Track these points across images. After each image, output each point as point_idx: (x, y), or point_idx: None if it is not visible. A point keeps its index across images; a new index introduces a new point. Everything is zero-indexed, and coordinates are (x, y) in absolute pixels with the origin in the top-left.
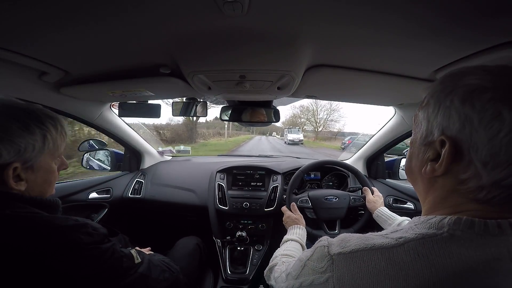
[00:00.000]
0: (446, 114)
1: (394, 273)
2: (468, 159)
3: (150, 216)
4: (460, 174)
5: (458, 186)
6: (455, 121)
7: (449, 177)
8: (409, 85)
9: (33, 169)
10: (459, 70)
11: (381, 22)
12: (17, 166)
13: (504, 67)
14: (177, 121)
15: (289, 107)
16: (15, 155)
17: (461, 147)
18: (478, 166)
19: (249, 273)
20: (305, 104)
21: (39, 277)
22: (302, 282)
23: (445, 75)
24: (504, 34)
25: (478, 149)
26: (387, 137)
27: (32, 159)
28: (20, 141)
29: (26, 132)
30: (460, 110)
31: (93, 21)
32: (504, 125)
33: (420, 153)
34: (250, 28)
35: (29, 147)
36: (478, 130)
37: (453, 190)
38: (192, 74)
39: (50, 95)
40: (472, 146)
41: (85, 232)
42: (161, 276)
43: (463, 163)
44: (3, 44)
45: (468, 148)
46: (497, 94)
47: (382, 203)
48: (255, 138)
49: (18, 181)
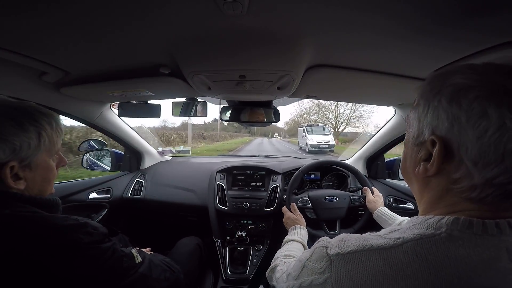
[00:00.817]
0: (435, 114)
1: (392, 273)
2: (458, 158)
3: (150, 216)
4: (452, 173)
5: (452, 185)
6: (443, 121)
7: (442, 177)
8: (409, 85)
9: (30, 167)
10: (446, 70)
11: (381, 23)
12: (14, 165)
13: (490, 65)
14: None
15: (290, 106)
16: (11, 154)
17: (451, 147)
18: (468, 165)
19: (249, 273)
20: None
21: (39, 276)
22: (301, 283)
23: (433, 75)
24: (502, 34)
25: (467, 148)
26: (387, 137)
27: (29, 157)
28: (15, 139)
29: (20, 130)
30: (448, 109)
31: (92, 21)
32: (491, 123)
33: (413, 153)
34: (250, 28)
35: (25, 145)
36: (466, 129)
37: (447, 190)
38: (192, 74)
39: (50, 95)
40: (462, 145)
41: (85, 231)
42: (162, 276)
43: (454, 162)
44: (3, 44)
45: (458, 147)
46: (483, 92)
47: (382, 203)
48: (255, 142)
49: (17, 180)
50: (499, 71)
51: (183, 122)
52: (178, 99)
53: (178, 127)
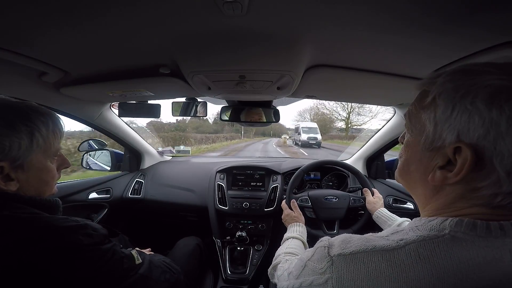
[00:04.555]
0: (463, 117)
1: (395, 275)
2: (490, 168)
3: (150, 216)
4: (477, 182)
5: (469, 193)
6: (477, 127)
7: (461, 185)
8: (409, 85)
9: (23, 168)
10: (468, 67)
11: (381, 22)
12: (3, 166)
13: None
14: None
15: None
16: (0, 154)
17: (482, 155)
18: (501, 175)
19: (249, 273)
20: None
21: (39, 278)
22: (302, 283)
23: (453, 72)
24: (503, 33)
25: (503, 157)
26: (387, 137)
27: (21, 157)
28: (4, 139)
29: (10, 130)
30: (485, 114)
31: (92, 21)
32: None
33: (424, 158)
34: (250, 28)
35: (15, 145)
36: (504, 138)
37: (463, 197)
38: (192, 74)
39: (50, 95)
40: (497, 154)
41: (85, 233)
42: (162, 277)
43: (483, 172)
44: (3, 44)
45: (491, 157)
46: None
47: (382, 204)
48: (252, 146)
49: (8, 181)
50: None
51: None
52: (178, 99)
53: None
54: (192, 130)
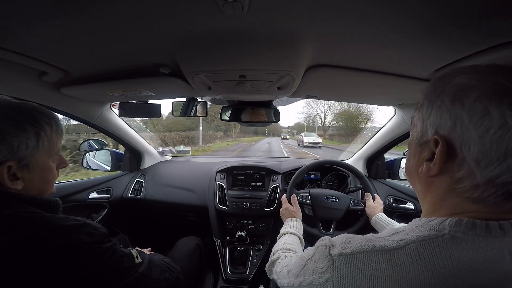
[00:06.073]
0: (438, 113)
1: (395, 275)
2: (461, 157)
3: (150, 216)
4: (455, 172)
5: (454, 185)
6: (446, 120)
7: (445, 177)
8: (409, 85)
9: (28, 168)
10: (450, 71)
11: (381, 22)
12: (11, 165)
13: (492, 66)
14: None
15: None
16: (8, 154)
17: (453, 146)
18: (471, 164)
19: (249, 273)
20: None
21: (40, 277)
22: (302, 281)
23: (437, 76)
24: (503, 35)
25: (470, 147)
26: (387, 137)
27: (27, 157)
28: (13, 139)
29: (19, 130)
30: (451, 109)
31: (93, 21)
32: (493, 122)
33: (417, 153)
34: (250, 28)
35: (22, 145)
36: (468, 128)
37: (450, 190)
38: (192, 74)
39: (50, 95)
40: (464, 144)
41: (85, 232)
42: (162, 276)
43: (457, 161)
44: (3, 44)
45: (461, 146)
46: (484, 91)
47: (381, 210)
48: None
49: (14, 180)
50: (501, 71)
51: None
52: (178, 99)
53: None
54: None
